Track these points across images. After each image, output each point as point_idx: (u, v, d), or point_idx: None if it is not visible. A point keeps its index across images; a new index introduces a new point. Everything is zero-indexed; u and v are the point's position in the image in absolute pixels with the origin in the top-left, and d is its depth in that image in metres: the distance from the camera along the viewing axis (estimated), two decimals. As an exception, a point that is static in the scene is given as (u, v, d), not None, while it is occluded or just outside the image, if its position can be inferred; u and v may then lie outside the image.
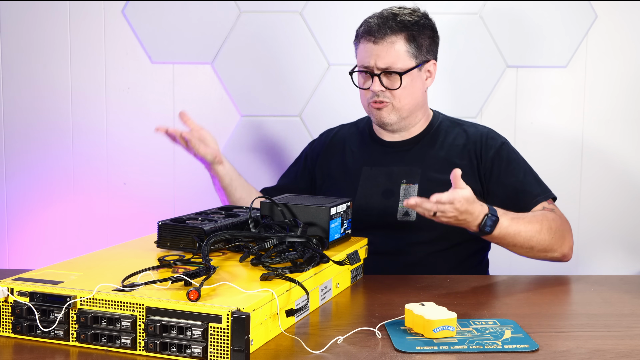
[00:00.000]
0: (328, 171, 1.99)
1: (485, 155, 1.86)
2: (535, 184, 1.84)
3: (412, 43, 1.82)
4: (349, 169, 1.94)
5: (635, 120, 2.43)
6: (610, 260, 2.47)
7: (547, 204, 1.80)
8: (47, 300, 1.17)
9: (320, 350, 1.14)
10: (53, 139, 2.47)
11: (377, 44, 1.81)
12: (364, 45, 1.84)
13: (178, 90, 2.46)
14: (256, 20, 2.42)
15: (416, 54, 1.83)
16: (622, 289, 1.57)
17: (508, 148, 1.89)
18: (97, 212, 2.49)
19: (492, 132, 1.93)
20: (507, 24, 2.41)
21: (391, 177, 1.87)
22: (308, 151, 2.09)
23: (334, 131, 2.07)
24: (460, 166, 1.81)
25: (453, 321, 1.21)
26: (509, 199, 1.79)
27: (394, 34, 1.80)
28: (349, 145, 1.99)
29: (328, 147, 2.03)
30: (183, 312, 1.09)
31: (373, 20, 1.83)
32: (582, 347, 1.19)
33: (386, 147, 1.93)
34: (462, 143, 1.88)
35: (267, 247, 1.40)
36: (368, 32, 1.82)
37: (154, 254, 1.45)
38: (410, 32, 1.82)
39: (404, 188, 1.85)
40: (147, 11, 2.42)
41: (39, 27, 2.44)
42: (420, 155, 1.88)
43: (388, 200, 1.85)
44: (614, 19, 2.40)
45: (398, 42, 1.81)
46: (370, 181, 1.89)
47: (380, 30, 1.80)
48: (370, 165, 1.92)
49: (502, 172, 1.84)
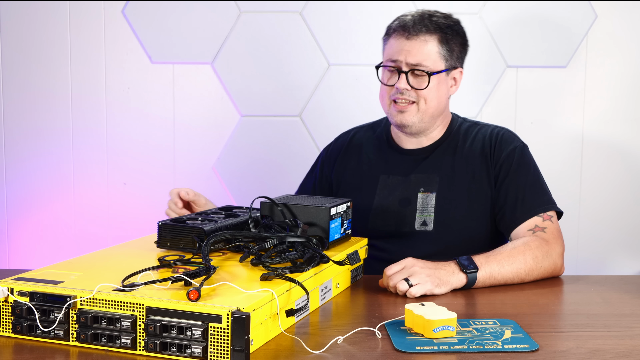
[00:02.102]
0: (344, 177, 1.93)
1: (497, 158, 1.81)
2: (538, 195, 1.76)
3: (444, 46, 1.78)
4: (366, 176, 1.89)
5: (635, 120, 2.43)
6: (610, 260, 2.47)
7: (542, 220, 1.72)
8: (47, 300, 1.17)
9: (320, 350, 1.14)
10: (53, 139, 2.47)
11: (409, 40, 1.76)
12: (395, 40, 1.79)
13: (178, 90, 2.46)
14: (256, 20, 2.42)
15: (447, 58, 1.79)
16: (622, 289, 1.57)
17: (521, 153, 1.81)
18: (97, 212, 2.49)
19: (508, 134, 1.86)
20: (507, 24, 2.41)
21: (409, 186, 1.83)
22: (324, 157, 2.01)
23: (351, 134, 2.00)
24: (476, 171, 1.80)
25: (453, 321, 1.21)
26: (507, 206, 1.76)
27: (428, 33, 1.76)
28: (366, 151, 1.93)
29: (345, 152, 1.96)
30: (183, 312, 1.09)
31: (408, 17, 1.80)
32: (582, 347, 1.19)
33: (404, 155, 1.88)
34: (479, 147, 1.83)
35: (267, 247, 1.40)
36: (402, 27, 1.77)
37: (154, 254, 1.45)
38: (444, 35, 1.78)
39: (422, 197, 1.80)
40: (147, 11, 2.42)
41: (39, 27, 2.44)
42: (438, 163, 1.83)
43: (405, 209, 1.81)
44: (614, 19, 2.40)
45: (431, 42, 1.77)
46: (387, 189, 1.85)
47: (415, 26, 1.76)
48: (388, 173, 1.87)
49: (508, 177, 1.78)
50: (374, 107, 2.40)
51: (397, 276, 1.49)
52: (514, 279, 1.59)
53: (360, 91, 2.44)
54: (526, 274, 1.60)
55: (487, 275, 1.55)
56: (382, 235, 1.81)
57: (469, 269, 1.53)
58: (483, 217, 1.79)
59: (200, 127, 2.47)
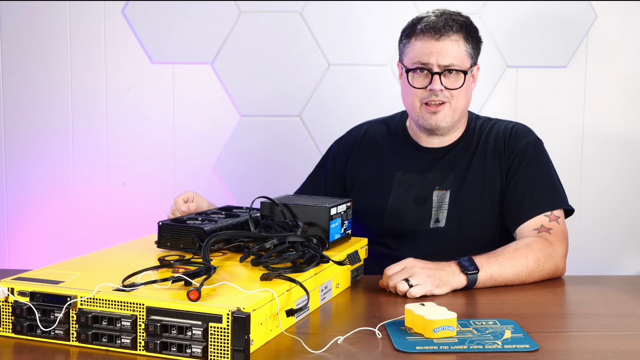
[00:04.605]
0: (359, 173, 1.90)
1: (510, 152, 1.80)
2: (547, 193, 1.75)
3: (469, 43, 1.77)
4: (381, 173, 1.87)
5: (635, 120, 2.43)
6: (610, 260, 2.47)
7: (549, 220, 1.71)
8: (47, 300, 1.17)
9: (321, 350, 1.14)
10: (53, 139, 2.47)
11: (440, 41, 1.73)
12: (423, 42, 1.75)
13: (178, 90, 2.46)
14: (256, 20, 2.42)
15: (472, 55, 1.79)
16: (622, 289, 1.57)
17: (535, 147, 1.80)
18: (97, 212, 2.49)
19: (522, 128, 1.85)
20: (507, 24, 2.41)
21: (425, 184, 1.82)
22: (335, 151, 1.97)
23: (363, 129, 1.97)
24: (489, 166, 1.79)
25: (453, 321, 1.21)
26: (515, 201, 1.75)
27: (456, 32, 1.75)
28: (380, 146, 1.91)
29: (359, 148, 1.93)
30: (183, 312, 1.09)
31: (432, 17, 1.76)
32: (582, 347, 1.19)
33: (421, 152, 1.86)
34: (493, 141, 1.83)
35: (267, 247, 1.40)
36: (432, 29, 1.73)
37: (154, 254, 1.45)
38: (467, 33, 1.77)
39: (437, 195, 1.80)
40: (147, 11, 2.42)
41: (39, 27, 2.44)
42: (453, 161, 1.83)
43: (421, 207, 1.81)
44: (614, 19, 2.40)
45: (460, 41, 1.75)
46: (404, 187, 1.83)
47: (446, 26, 1.74)
48: (404, 170, 1.85)
49: (518, 171, 1.77)
50: (374, 106, 2.41)
51: (398, 276, 1.49)
52: (515, 280, 1.58)
53: (360, 91, 2.44)
54: (527, 276, 1.60)
55: (488, 276, 1.55)
56: (397, 233, 1.81)
57: (470, 270, 1.53)
58: (494, 213, 1.79)
59: (200, 127, 2.47)
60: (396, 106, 2.04)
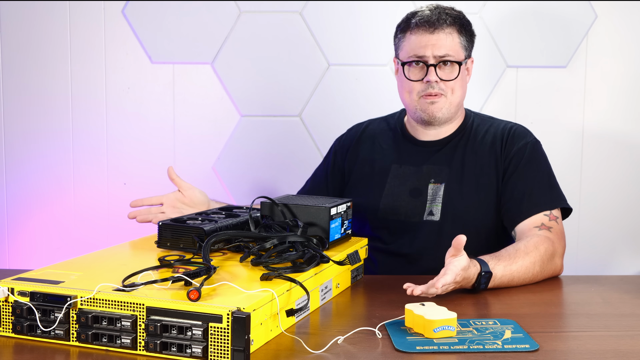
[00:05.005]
0: (355, 166, 1.95)
1: (508, 152, 1.82)
2: (546, 193, 1.77)
3: (462, 36, 1.82)
4: (378, 165, 1.91)
5: (635, 121, 2.43)
6: (610, 260, 2.47)
7: (549, 220, 1.73)
8: (47, 300, 1.17)
9: (321, 350, 1.14)
10: (53, 139, 2.47)
11: (434, 34, 1.78)
12: (417, 35, 1.79)
13: (178, 90, 2.46)
14: (256, 20, 2.42)
15: (466, 47, 1.83)
16: (622, 289, 1.57)
17: (533, 148, 1.83)
18: (97, 212, 2.49)
19: (520, 129, 1.87)
20: (507, 24, 2.41)
21: (420, 176, 1.85)
22: (337, 146, 2.03)
23: (364, 125, 2.02)
24: (485, 164, 1.81)
25: (453, 321, 1.21)
26: (513, 201, 1.76)
27: (450, 25, 1.79)
28: (379, 141, 1.95)
29: (358, 142, 1.98)
30: (183, 312, 1.09)
31: (426, 11, 1.81)
32: (582, 347, 1.19)
33: (418, 146, 1.89)
34: (490, 141, 1.85)
35: (268, 247, 1.40)
36: (426, 22, 1.79)
37: (154, 254, 1.45)
38: (461, 25, 1.82)
39: (432, 187, 1.82)
40: (147, 11, 2.42)
41: (39, 27, 2.44)
42: (450, 155, 1.85)
43: (416, 199, 1.83)
44: (614, 19, 2.40)
45: (454, 33, 1.80)
46: (399, 179, 1.86)
47: (440, 20, 1.78)
48: (400, 163, 1.88)
49: (516, 172, 1.79)
50: (374, 106, 2.41)
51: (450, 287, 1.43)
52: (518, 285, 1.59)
53: (360, 91, 2.44)
54: (530, 280, 1.61)
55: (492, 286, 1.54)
56: (391, 225, 1.82)
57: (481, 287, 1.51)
58: (490, 209, 1.80)
59: (200, 127, 2.47)
60: (396, 106, 2.05)
